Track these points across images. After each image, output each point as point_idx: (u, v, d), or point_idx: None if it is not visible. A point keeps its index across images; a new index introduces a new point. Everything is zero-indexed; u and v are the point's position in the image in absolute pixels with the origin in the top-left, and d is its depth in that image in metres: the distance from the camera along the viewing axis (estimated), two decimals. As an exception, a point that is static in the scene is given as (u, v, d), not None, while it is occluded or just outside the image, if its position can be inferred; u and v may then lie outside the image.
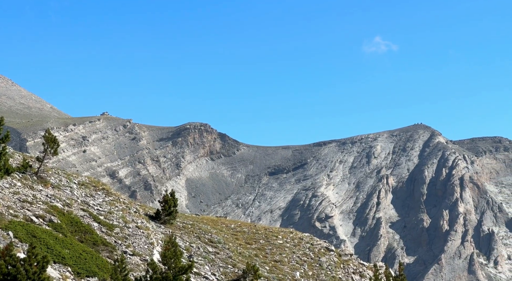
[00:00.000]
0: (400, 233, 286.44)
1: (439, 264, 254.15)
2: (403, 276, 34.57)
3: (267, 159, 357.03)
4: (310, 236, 46.85)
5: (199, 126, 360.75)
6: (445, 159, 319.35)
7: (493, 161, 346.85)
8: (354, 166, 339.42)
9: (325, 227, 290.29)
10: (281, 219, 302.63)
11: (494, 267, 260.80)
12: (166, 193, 39.14)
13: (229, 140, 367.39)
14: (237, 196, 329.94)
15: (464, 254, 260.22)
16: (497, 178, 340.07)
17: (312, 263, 40.29)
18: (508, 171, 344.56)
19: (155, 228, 34.70)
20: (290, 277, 36.53)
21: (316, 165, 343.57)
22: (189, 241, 35.91)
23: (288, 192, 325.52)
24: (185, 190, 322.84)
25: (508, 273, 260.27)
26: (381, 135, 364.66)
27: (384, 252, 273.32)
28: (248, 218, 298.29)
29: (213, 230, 41.00)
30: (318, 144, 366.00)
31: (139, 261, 27.89)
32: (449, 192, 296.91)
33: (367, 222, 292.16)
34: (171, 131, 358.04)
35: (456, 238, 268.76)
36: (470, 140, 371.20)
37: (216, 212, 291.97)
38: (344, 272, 40.90)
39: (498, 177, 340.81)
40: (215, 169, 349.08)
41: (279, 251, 40.80)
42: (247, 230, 44.94)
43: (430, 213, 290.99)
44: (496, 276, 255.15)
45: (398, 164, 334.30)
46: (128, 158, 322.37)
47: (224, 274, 32.90)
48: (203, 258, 33.72)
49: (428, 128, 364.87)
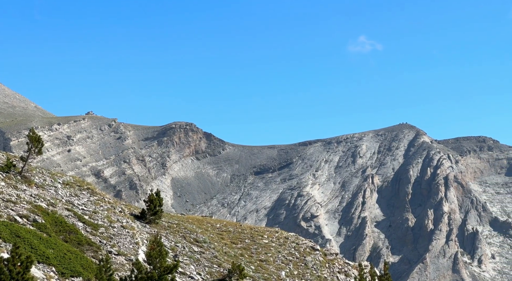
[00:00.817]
0: (385, 232, 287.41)
1: (423, 263, 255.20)
2: (388, 275, 34.70)
3: (253, 159, 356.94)
4: (295, 236, 46.87)
5: (185, 126, 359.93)
6: (430, 159, 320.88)
7: (477, 160, 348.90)
8: (340, 165, 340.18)
9: (310, 227, 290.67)
10: (267, 219, 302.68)
11: (478, 266, 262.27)
12: (152, 192, 39.04)
13: (214, 140, 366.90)
14: (222, 196, 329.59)
15: (448, 253, 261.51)
16: (481, 178, 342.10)
17: (297, 263, 40.31)
18: (492, 171, 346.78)
19: (140, 228, 34.58)
20: (275, 277, 36.52)
21: (301, 164, 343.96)
22: (174, 240, 35.80)
23: (273, 191, 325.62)
24: (170, 189, 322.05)
25: (492, 272, 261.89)
26: (366, 135, 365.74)
27: (369, 251, 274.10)
28: (234, 217, 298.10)
29: (199, 230, 40.92)
30: (303, 144, 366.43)
31: (124, 261, 27.78)
32: (434, 192, 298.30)
33: (353, 222, 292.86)
34: (157, 130, 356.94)
35: (440, 237, 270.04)
36: (454, 139, 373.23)
37: (201, 212, 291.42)
38: (329, 272, 40.96)
39: (482, 177, 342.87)
40: (200, 168, 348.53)
41: (264, 251, 40.79)
42: (232, 230, 44.88)
43: (415, 212, 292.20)
44: (480, 275, 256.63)
45: (383, 163, 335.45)
46: (113, 158, 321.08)
47: (209, 273, 32.84)
48: (189, 258, 33.64)
49: (413, 128, 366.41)
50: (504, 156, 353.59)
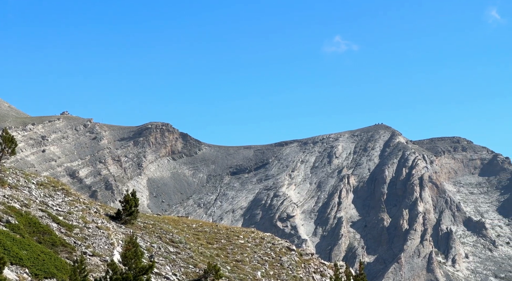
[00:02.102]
0: (361, 233, 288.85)
1: (398, 263, 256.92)
2: (363, 275, 34.87)
3: (229, 159, 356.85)
4: (271, 236, 46.93)
5: (161, 126, 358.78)
6: (405, 159, 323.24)
7: (451, 161, 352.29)
8: (316, 166, 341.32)
9: (286, 227, 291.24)
10: (243, 219, 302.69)
11: (452, 266, 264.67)
12: (127, 193, 38.83)
13: (190, 140, 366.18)
14: (198, 196, 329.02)
15: (423, 253, 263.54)
16: (455, 178, 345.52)
17: (273, 263, 40.36)
18: (466, 171, 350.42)
19: (115, 228, 34.39)
20: (251, 277, 36.53)
21: (277, 165, 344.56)
22: (150, 241, 35.66)
23: (249, 192, 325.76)
24: (146, 190, 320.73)
25: (465, 271, 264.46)
26: (342, 135, 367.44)
27: (345, 251, 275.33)
28: (210, 217, 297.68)
29: (175, 230, 40.80)
30: (279, 144, 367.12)
31: (99, 262, 27.61)
32: (409, 192, 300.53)
33: (328, 222, 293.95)
34: (133, 130, 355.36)
35: (415, 237, 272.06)
36: (429, 140, 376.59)
37: (177, 212, 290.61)
38: (305, 272, 41.06)
39: (456, 177, 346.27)
40: (176, 168, 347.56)
41: (240, 251, 40.78)
42: (208, 230, 44.82)
43: (390, 212, 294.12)
44: (454, 274, 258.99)
45: (359, 164, 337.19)
46: (88, 158, 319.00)
47: (185, 274, 32.75)
48: (164, 258, 33.52)
49: (388, 128, 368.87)
50: (477, 156, 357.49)
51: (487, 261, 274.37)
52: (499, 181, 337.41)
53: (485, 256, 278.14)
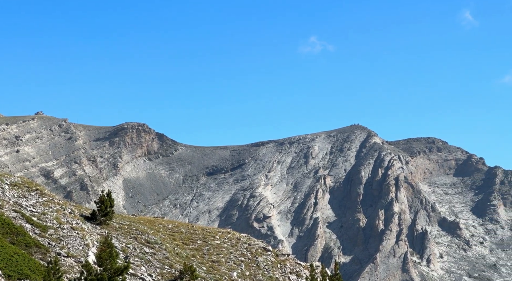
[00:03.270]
0: (337, 233, 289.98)
1: (374, 263, 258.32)
2: (338, 275, 35.02)
3: (205, 159, 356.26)
4: (247, 236, 46.91)
5: (137, 126, 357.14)
6: (381, 160, 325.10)
7: (426, 161, 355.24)
8: (292, 166, 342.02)
9: (263, 227, 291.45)
10: (219, 220, 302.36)
11: (426, 266, 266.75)
12: (103, 193, 38.59)
13: (167, 140, 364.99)
14: (175, 197, 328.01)
15: (398, 253, 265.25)
16: (431, 178, 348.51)
17: (249, 263, 40.35)
18: (441, 171, 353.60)
19: (90, 229, 34.16)
20: (227, 278, 36.49)
21: (254, 165, 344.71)
22: (125, 242, 35.47)
23: (226, 192, 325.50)
24: (122, 190, 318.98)
25: (440, 271, 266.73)
26: (318, 136, 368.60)
27: (321, 252, 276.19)
28: (186, 218, 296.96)
29: (150, 231, 40.61)
30: (256, 145, 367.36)
31: (74, 263, 27.39)
32: (384, 192, 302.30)
33: (305, 222, 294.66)
34: (108, 131, 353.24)
35: (391, 237, 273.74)
36: (405, 140, 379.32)
37: (153, 213, 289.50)
38: (281, 272, 41.10)
39: (431, 177, 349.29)
40: (153, 169, 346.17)
41: (216, 252, 40.71)
42: (184, 231, 44.67)
43: (366, 213, 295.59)
44: (428, 274, 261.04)
45: (336, 164, 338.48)
46: (63, 158, 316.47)
47: (160, 275, 32.62)
48: (140, 259, 33.36)
49: (364, 129, 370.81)
50: (452, 157, 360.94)
51: (461, 261, 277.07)
52: (473, 181, 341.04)
53: (459, 256, 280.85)
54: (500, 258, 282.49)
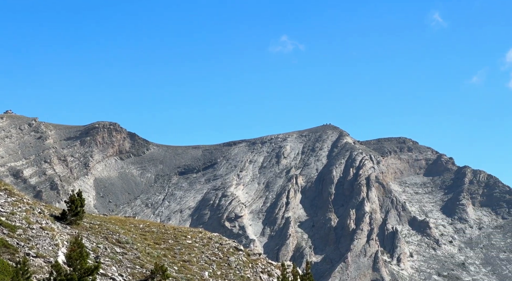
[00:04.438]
0: (309, 232, 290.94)
1: (345, 262, 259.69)
2: (310, 274, 35.14)
3: (177, 159, 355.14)
4: (219, 236, 46.89)
5: (108, 125, 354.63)
6: (353, 159, 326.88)
7: (397, 161, 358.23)
8: (264, 166, 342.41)
9: (234, 227, 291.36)
10: (191, 219, 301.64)
11: (397, 264, 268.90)
12: (73, 193, 38.26)
13: (138, 140, 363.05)
14: (146, 196, 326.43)
15: (369, 252, 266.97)
16: (401, 178, 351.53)
17: (220, 263, 40.33)
18: (412, 171, 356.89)
19: (60, 229, 33.85)
20: (198, 277, 36.42)
21: (226, 165, 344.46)
22: (96, 241, 35.20)
23: (198, 191, 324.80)
24: (93, 190, 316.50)
25: (410, 270, 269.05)
26: (290, 135, 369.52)
27: (293, 251, 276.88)
28: (158, 218, 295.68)
29: (121, 230, 40.38)
30: (228, 144, 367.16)
31: (43, 263, 27.13)
32: (356, 192, 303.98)
33: (276, 222, 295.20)
34: (79, 130, 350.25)
35: (362, 236, 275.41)
36: (376, 140, 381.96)
37: (125, 212, 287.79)
38: (252, 272, 41.14)
39: (402, 177, 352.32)
40: (124, 168, 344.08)
41: (188, 251, 40.62)
42: (156, 230, 44.50)
43: (337, 212, 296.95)
44: (398, 273, 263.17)
45: (307, 164, 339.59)
46: (33, 158, 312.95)
47: (131, 274, 32.44)
48: (111, 259, 33.13)
49: (336, 129, 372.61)
50: (422, 157, 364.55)
51: (431, 259, 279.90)
52: (443, 181, 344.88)
53: (429, 254, 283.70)
54: (468, 257, 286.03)
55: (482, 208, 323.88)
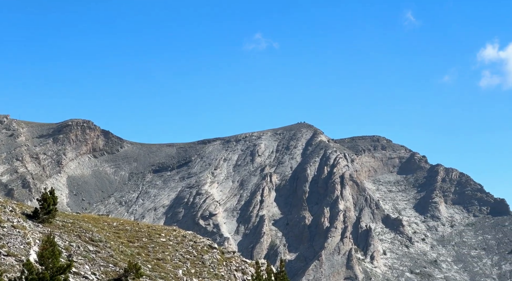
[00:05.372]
0: (283, 230, 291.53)
1: (319, 260, 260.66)
2: (283, 272, 35.23)
3: (151, 157, 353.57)
4: (193, 234, 46.77)
5: (82, 123, 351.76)
6: (327, 158, 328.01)
7: (371, 159, 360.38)
8: (238, 164, 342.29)
9: (209, 225, 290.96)
10: (165, 217, 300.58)
11: (370, 262, 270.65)
12: (45, 191, 37.89)
13: (112, 137, 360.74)
14: (120, 194, 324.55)
15: (343, 250, 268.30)
16: (375, 176, 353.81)
17: (195, 261, 40.23)
18: (385, 169, 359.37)
19: (32, 227, 33.50)
20: (172, 275, 36.30)
21: (200, 163, 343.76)
22: (68, 240, 34.90)
23: (172, 189, 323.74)
24: (66, 188, 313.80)
25: (383, 267, 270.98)
26: (265, 134, 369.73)
27: (267, 249, 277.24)
28: (132, 216, 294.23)
29: (95, 229, 40.08)
30: (202, 142, 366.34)
31: (14, 262, 26.83)
32: (330, 190, 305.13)
33: (251, 220, 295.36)
34: (52, 127, 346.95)
35: (336, 234, 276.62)
36: (350, 138, 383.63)
37: (98, 210, 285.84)
38: (226, 269, 41.12)
39: (376, 175, 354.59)
40: (98, 166, 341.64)
41: (162, 249, 40.46)
42: (129, 228, 44.24)
43: (312, 210, 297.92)
44: (372, 270, 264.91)
45: (282, 162, 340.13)
46: (4, 155, 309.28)
47: (104, 273, 32.21)
48: (83, 257, 32.87)
49: (310, 127, 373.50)
50: (396, 155, 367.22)
51: (404, 257, 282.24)
52: (416, 179, 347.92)
53: (402, 252, 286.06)
54: (440, 254, 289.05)
55: (454, 206, 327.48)
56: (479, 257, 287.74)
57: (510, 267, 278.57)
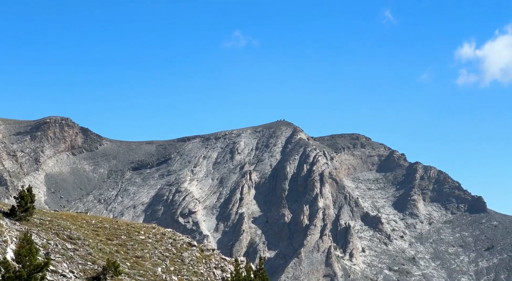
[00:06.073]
0: (262, 228, 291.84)
1: (298, 258, 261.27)
2: (263, 270, 35.24)
3: (131, 154, 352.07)
4: (172, 232, 46.59)
5: (60, 120, 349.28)
6: (306, 155, 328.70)
7: (350, 157, 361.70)
8: (218, 161, 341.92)
9: (188, 223, 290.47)
10: (144, 215, 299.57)
11: (349, 260, 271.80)
12: (23, 188, 37.51)
13: (91, 135, 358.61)
14: (99, 192, 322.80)
15: (322, 248, 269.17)
16: (354, 174, 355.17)
17: (174, 259, 40.09)
18: (364, 167, 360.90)
19: (9, 225, 33.18)
20: (151, 273, 36.14)
21: (180, 160, 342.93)
22: (46, 238, 34.60)
23: (151, 187, 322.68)
24: (44, 185, 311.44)
25: (362, 265, 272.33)
26: (244, 131, 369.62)
27: (246, 247, 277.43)
28: (111, 213, 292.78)
29: (73, 226, 39.76)
30: (182, 140, 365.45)
31: (-9, 260, 26.51)
32: (309, 188, 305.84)
33: (230, 218, 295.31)
34: (30, 125, 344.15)
35: (315, 232, 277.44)
36: (330, 136, 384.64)
37: (77, 208, 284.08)
38: (206, 267, 41.02)
39: (355, 173, 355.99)
40: (76, 164, 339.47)
41: (141, 247, 40.25)
42: (108, 226, 43.95)
43: (291, 208, 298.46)
44: (351, 268, 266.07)
45: (261, 160, 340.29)
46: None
47: (83, 271, 31.97)
48: (61, 255, 32.60)
49: (290, 125, 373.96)
50: (375, 153, 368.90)
51: (382, 254, 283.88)
52: (395, 177, 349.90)
53: (381, 249, 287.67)
54: (418, 251, 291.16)
55: (432, 203, 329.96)
56: (457, 254, 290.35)
57: (487, 264, 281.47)
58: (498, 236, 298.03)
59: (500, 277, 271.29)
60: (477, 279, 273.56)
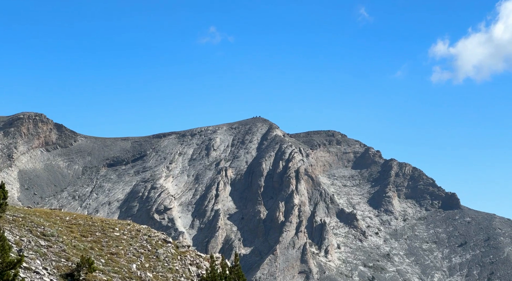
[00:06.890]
0: (238, 225, 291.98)
1: (274, 255, 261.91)
2: (238, 266, 35.24)
3: (106, 151, 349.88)
4: (147, 228, 46.38)
5: (34, 116, 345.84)
6: (282, 152, 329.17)
7: (326, 154, 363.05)
8: (194, 158, 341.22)
9: (163, 219, 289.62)
10: (119, 211, 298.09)
11: (324, 256, 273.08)
12: (-5, 184, 37.11)
13: (66, 131, 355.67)
14: (73, 188, 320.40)
15: (297, 244, 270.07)
16: (330, 171, 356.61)
17: (149, 255, 39.91)
18: (340, 164, 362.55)
19: (-19, 222, 32.78)
20: (126, 270, 35.93)
21: (155, 157, 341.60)
22: (19, 234, 34.25)
23: (126, 184, 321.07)
24: (17, 182, 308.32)
25: (337, 261, 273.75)
26: (220, 128, 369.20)
27: (222, 244, 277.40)
28: (85, 210, 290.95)
29: (47, 223, 39.41)
30: (157, 136, 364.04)
31: (-37, 257, 26.16)
32: (285, 184, 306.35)
33: (206, 214, 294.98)
34: (3, 120, 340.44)
35: (290, 229, 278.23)
36: (305, 133, 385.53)
37: (51, 205, 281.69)
38: (181, 264, 40.90)
39: (330, 170, 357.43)
40: (50, 160, 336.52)
41: (115, 244, 40.00)
42: (82, 223, 43.62)
43: (267, 205, 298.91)
44: (326, 264, 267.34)
45: (237, 156, 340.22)
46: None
47: (56, 268, 31.69)
48: (35, 252, 32.29)
49: (266, 121, 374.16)
50: (351, 150, 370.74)
51: (357, 251, 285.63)
52: (370, 174, 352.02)
53: (356, 246, 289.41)
54: (393, 247, 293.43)
55: (407, 200, 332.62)
56: (430, 250, 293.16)
57: (460, 260, 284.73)
58: (471, 232, 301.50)
59: (473, 273, 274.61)
60: (450, 275, 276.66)
